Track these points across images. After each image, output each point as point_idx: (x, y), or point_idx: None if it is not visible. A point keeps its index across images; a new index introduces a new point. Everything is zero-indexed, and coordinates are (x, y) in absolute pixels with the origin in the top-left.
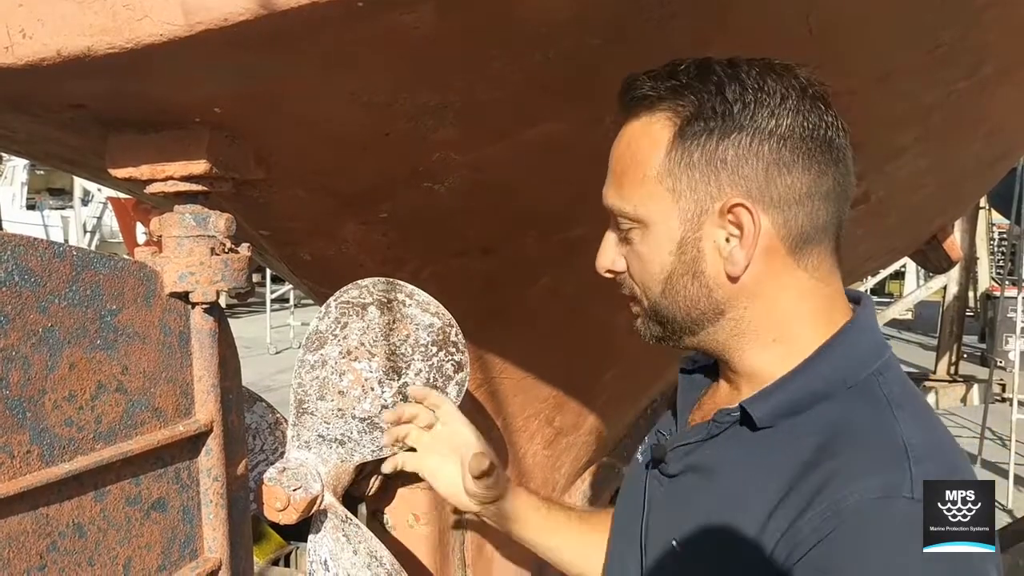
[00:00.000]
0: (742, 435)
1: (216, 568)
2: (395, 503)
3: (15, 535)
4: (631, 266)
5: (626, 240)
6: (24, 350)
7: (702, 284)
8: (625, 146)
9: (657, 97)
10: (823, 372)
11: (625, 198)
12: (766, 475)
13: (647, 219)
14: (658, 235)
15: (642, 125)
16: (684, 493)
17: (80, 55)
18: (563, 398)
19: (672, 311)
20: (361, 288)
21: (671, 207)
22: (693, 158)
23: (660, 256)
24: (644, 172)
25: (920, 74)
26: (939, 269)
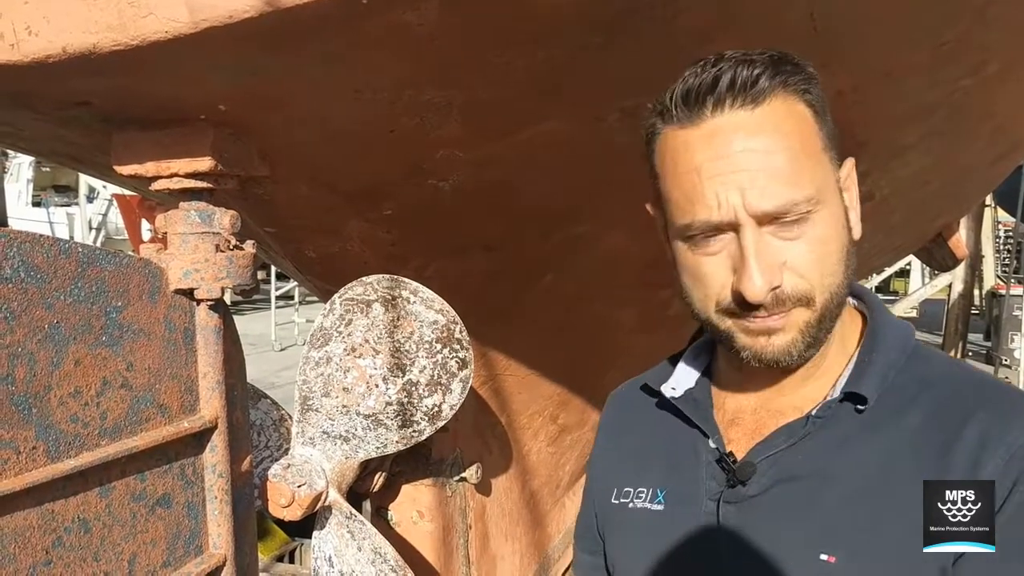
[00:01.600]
0: (835, 428)
1: (221, 564)
2: (399, 500)
3: (21, 530)
4: (803, 262)
5: (791, 236)
6: (30, 346)
7: (855, 255)
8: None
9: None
10: (893, 344)
11: (802, 183)
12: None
13: (826, 196)
14: (832, 210)
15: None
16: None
17: (85, 52)
18: (567, 395)
19: (844, 295)
20: (366, 285)
21: (833, 178)
22: (829, 123)
23: (838, 232)
24: (815, 148)
25: (924, 72)
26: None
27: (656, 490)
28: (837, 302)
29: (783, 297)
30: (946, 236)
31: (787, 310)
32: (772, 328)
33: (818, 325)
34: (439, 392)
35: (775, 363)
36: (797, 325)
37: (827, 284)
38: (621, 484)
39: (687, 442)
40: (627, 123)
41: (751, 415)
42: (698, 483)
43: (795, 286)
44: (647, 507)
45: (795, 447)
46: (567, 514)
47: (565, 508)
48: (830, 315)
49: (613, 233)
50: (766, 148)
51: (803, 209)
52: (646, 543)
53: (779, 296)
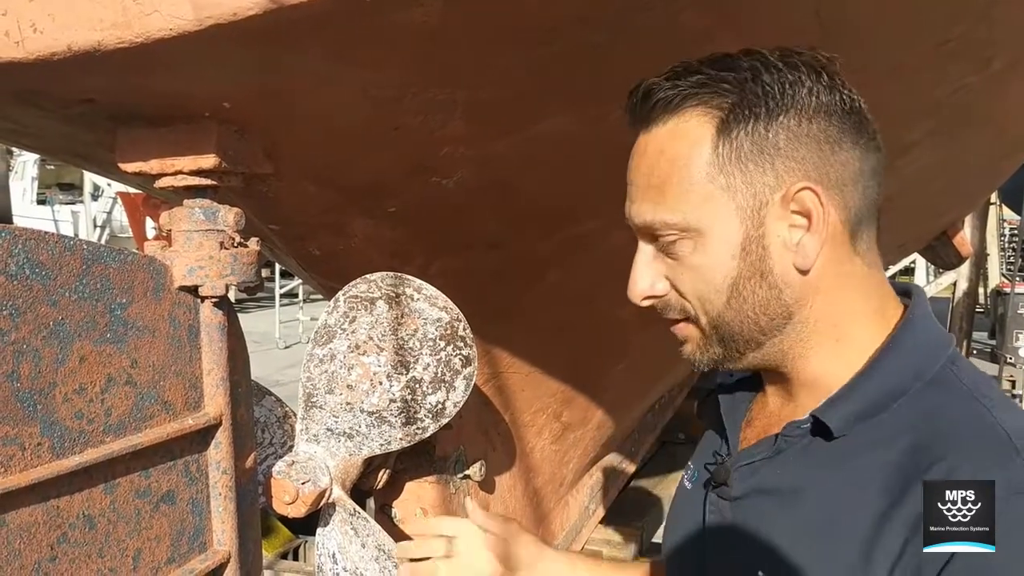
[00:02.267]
0: (815, 448)
1: (225, 561)
2: (403, 497)
3: (26, 526)
4: (681, 283)
5: (671, 255)
6: (35, 343)
7: (771, 285)
8: (656, 154)
9: (684, 96)
10: (896, 368)
11: (670, 208)
12: (857, 490)
13: (701, 226)
14: (716, 240)
15: (670, 129)
16: (757, 518)
17: (90, 49)
18: (571, 393)
19: (739, 322)
20: (370, 283)
21: (727, 206)
22: (744, 149)
23: (721, 262)
24: (691, 175)
25: (929, 69)
26: (949, 265)
27: (695, 470)
28: (734, 329)
29: (667, 308)
30: (951, 234)
31: (677, 320)
32: (678, 336)
33: (720, 343)
34: (443, 389)
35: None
36: (694, 339)
37: (707, 310)
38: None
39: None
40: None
41: (763, 418)
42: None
43: (676, 300)
44: (684, 484)
45: (773, 460)
46: (571, 512)
47: (568, 506)
48: (730, 337)
49: (617, 231)
50: (647, 168)
51: (664, 233)
52: (673, 515)
53: (664, 304)
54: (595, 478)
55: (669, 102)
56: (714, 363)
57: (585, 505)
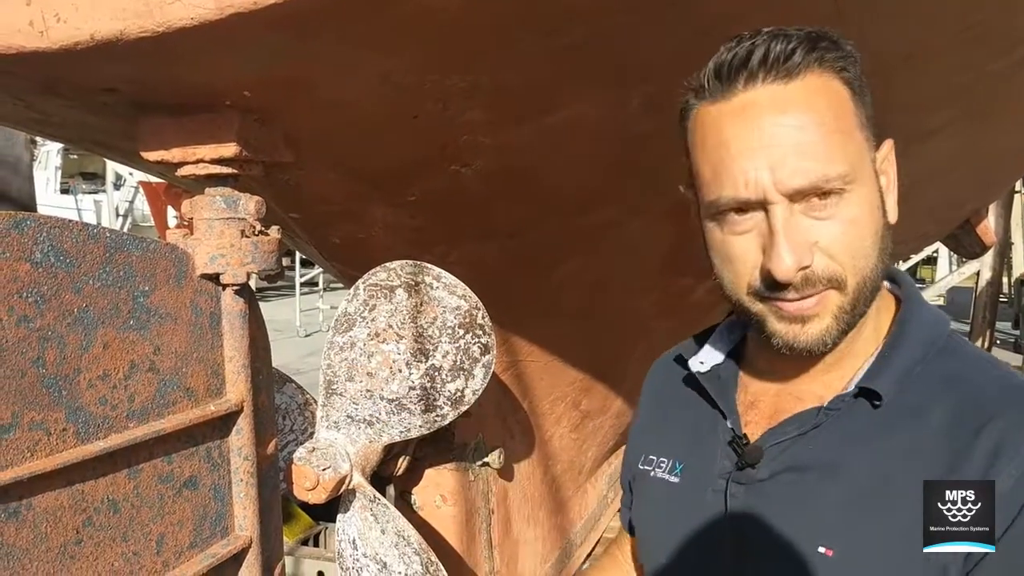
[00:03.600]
0: (850, 420)
1: (247, 546)
2: (422, 484)
3: (52, 510)
4: (833, 243)
5: (823, 216)
6: (60, 329)
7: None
8: (805, 109)
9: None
10: (919, 339)
11: (835, 159)
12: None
13: (860, 175)
14: (866, 190)
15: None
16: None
17: (113, 39)
18: (589, 381)
19: (878, 280)
20: (389, 271)
21: (868, 158)
22: (866, 102)
23: (873, 214)
24: (848, 125)
25: (950, 56)
26: (972, 254)
27: (675, 462)
28: (871, 286)
29: (813, 278)
30: (974, 223)
31: (819, 292)
32: (806, 315)
33: (851, 310)
34: (462, 377)
35: (808, 352)
36: (831, 310)
37: (859, 267)
38: (648, 451)
39: (708, 418)
40: (650, 108)
41: (771, 398)
42: (713, 461)
43: (826, 267)
44: (665, 478)
45: (806, 436)
46: (589, 499)
47: (587, 494)
48: (863, 299)
49: (636, 219)
50: (798, 124)
51: (835, 186)
52: (660, 513)
53: (809, 277)
54: (614, 467)
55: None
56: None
57: (604, 493)
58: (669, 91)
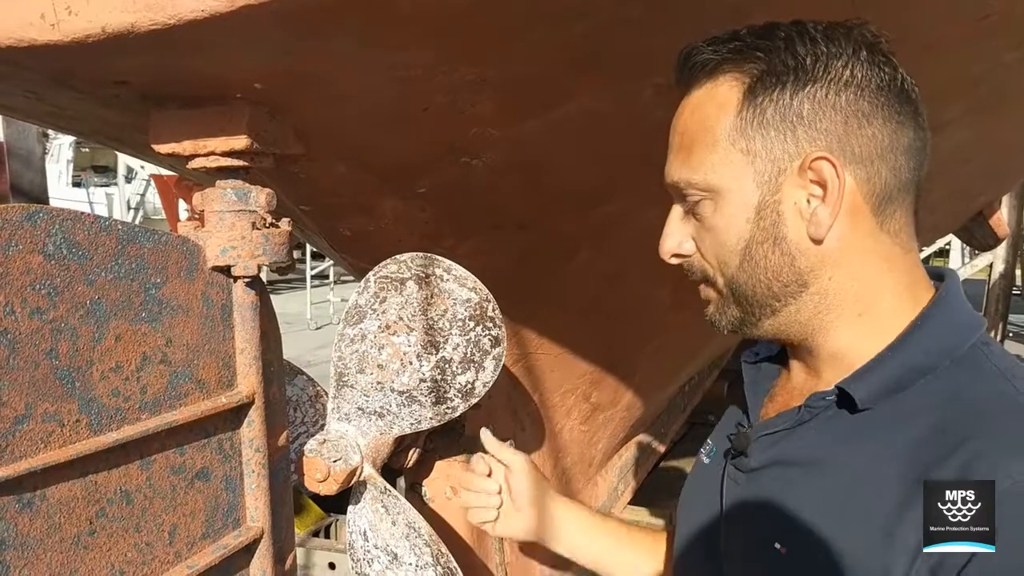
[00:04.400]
0: (838, 421)
1: (258, 537)
2: (433, 475)
3: (66, 501)
4: (702, 243)
5: (695, 215)
6: (72, 321)
7: (784, 251)
8: (689, 115)
9: (720, 60)
10: (925, 345)
11: (694, 167)
12: (879, 463)
13: (720, 186)
14: (733, 202)
15: (706, 91)
16: (775, 489)
17: (124, 31)
18: (600, 374)
19: (752, 286)
20: (400, 263)
21: (746, 170)
22: (766, 115)
23: (737, 225)
24: (714, 136)
25: (966, 45)
26: (985, 246)
27: (713, 445)
28: (747, 292)
29: (690, 269)
30: (987, 215)
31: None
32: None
33: (736, 306)
34: (472, 369)
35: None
36: (713, 300)
37: (724, 272)
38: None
39: (743, 407)
40: (661, 99)
41: (785, 393)
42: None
43: (698, 262)
44: (702, 459)
45: (794, 432)
46: (599, 492)
47: (597, 486)
48: (746, 301)
49: (648, 210)
50: (682, 128)
51: (689, 192)
52: (687, 491)
53: (687, 267)
54: (624, 459)
55: (705, 65)
56: (733, 326)
57: (614, 486)
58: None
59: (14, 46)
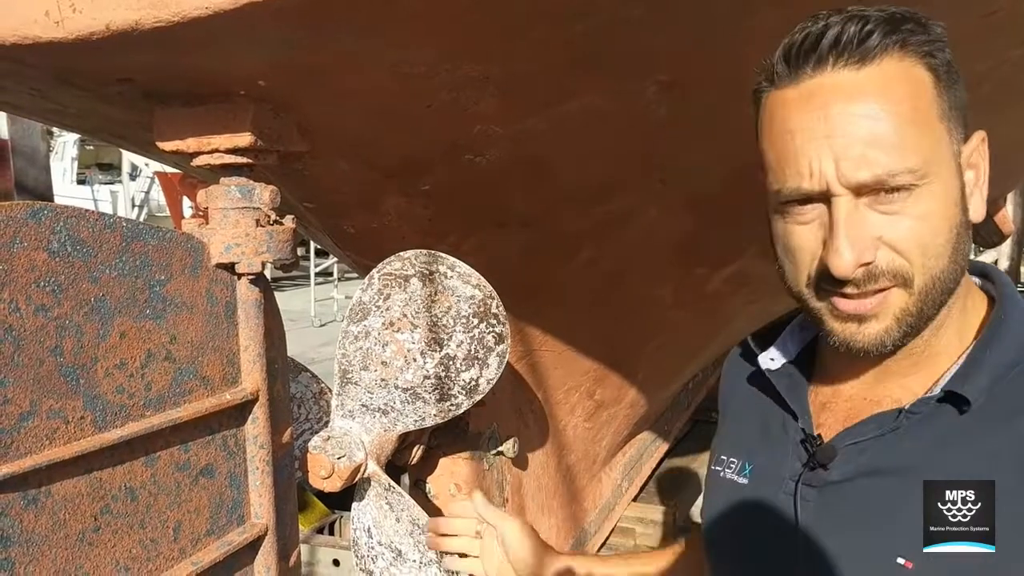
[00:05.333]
0: (936, 423)
1: (262, 533)
2: (437, 472)
3: (71, 497)
4: (901, 238)
5: (890, 211)
6: (77, 319)
7: (970, 238)
8: (878, 97)
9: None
10: (1013, 339)
11: (907, 153)
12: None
13: (934, 171)
14: (944, 185)
15: (882, 71)
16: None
17: (127, 29)
18: (604, 371)
19: (951, 280)
20: (403, 260)
21: (949, 151)
22: (951, 97)
23: (949, 210)
24: (926, 116)
25: (972, 41)
26: (990, 243)
27: (744, 463)
28: (941, 288)
29: (876, 273)
30: (992, 211)
31: (881, 290)
32: (864, 314)
33: (917, 313)
34: (476, 366)
35: (865, 352)
36: (893, 311)
37: (929, 266)
38: (720, 450)
39: (778, 418)
40: (664, 96)
41: (846, 401)
42: (783, 462)
43: (891, 262)
44: (734, 479)
45: (885, 439)
46: (603, 489)
47: (601, 483)
48: (932, 302)
49: (651, 209)
50: (868, 113)
51: (904, 181)
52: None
53: (872, 272)
54: (628, 456)
55: (872, 44)
56: (897, 341)
57: (618, 483)
58: (684, 79)
59: (19, 43)
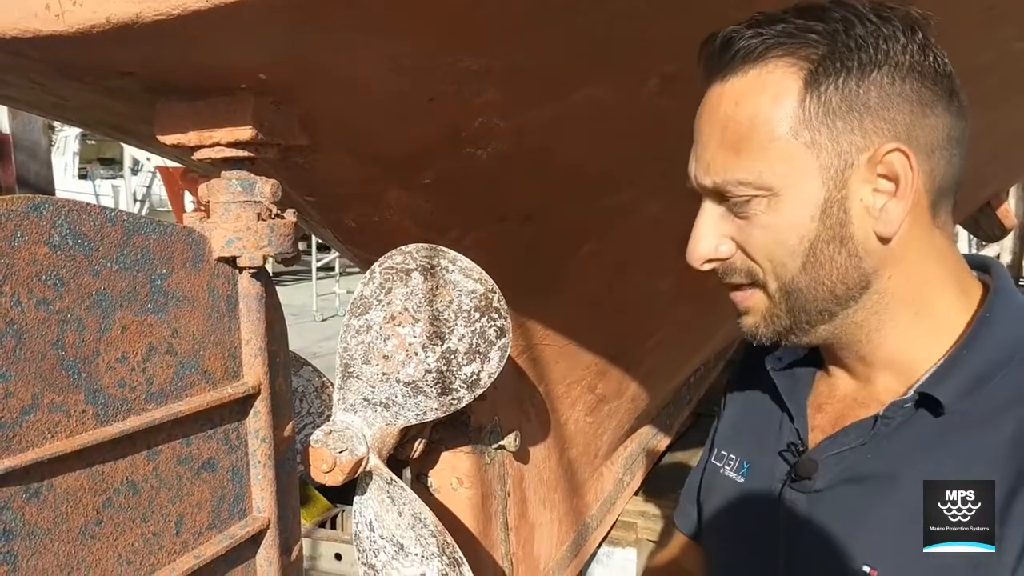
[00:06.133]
0: (914, 427)
1: (264, 527)
2: (439, 466)
3: (72, 491)
4: (751, 244)
5: (739, 214)
6: (78, 312)
7: (851, 252)
8: (733, 107)
9: (769, 46)
10: (997, 339)
11: (747, 165)
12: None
13: (779, 184)
14: (795, 199)
15: (753, 80)
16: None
17: (128, 22)
18: (605, 365)
19: (813, 289)
20: (405, 254)
21: (810, 164)
22: (832, 104)
23: (800, 223)
24: (772, 129)
25: (974, 33)
26: (992, 237)
27: (743, 461)
28: (807, 297)
29: (732, 270)
30: (994, 205)
31: (745, 286)
32: (738, 304)
33: (789, 313)
34: (477, 360)
35: (750, 338)
36: (760, 310)
37: (778, 273)
38: (721, 446)
39: (777, 418)
40: (667, 89)
41: (838, 402)
42: (777, 463)
43: (744, 262)
44: (731, 476)
45: (866, 446)
46: (605, 483)
47: (603, 477)
48: (802, 308)
49: (653, 202)
50: (722, 121)
51: (737, 192)
52: (724, 512)
53: (729, 267)
54: (630, 450)
55: (751, 51)
56: (778, 336)
57: (620, 477)
58: (687, 72)
59: (19, 37)
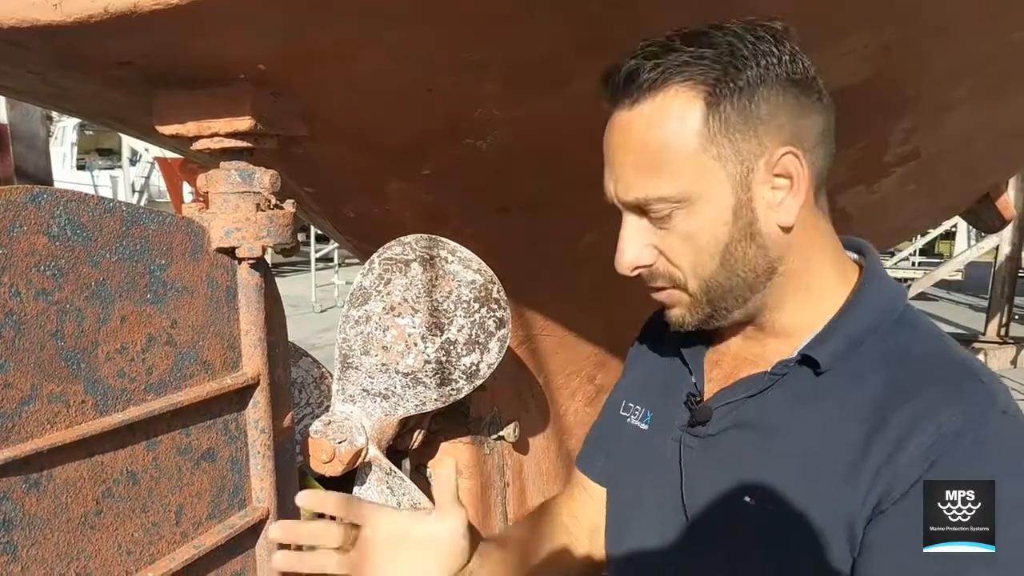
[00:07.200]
0: (796, 384)
1: (264, 517)
2: (438, 457)
3: (72, 481)
4: (672, 251)
5: (659, 224)
6: (78, 303)
7: (759, 244)
8: (644, 131)
9: (670, 75)
10: (869, 309)
11: (667, 182)
12: (840, 419)
13: (695, 195)
14: (709, 207)
15: (659, 105)
16: (738, 451)
17: (127, 11)
18: (605, 356)
19: (730, 282)
20: (404, 244)
21: (719, 175)
22: (731, 121)
23: (714, 228)
24: (684, 148)
25: (975, 24)
26: (991, 228)
27: (647, 411)
28: (724, 288)
29: (656, 275)
30: (994, 196)
31: (664, 289)
32: (664, 303)
33: (709, 305)
34: (477, 351)
35: (678, 328)
36: (682, 303)
37: (698, 273)
38: (628, 397)
39: (679, 372)
40: None
41: (731, 359)
42: (675, 413)
43: (665, 268)
44: (637, 425)
45: (754, 398)
46: None
47: None
48: (720, 298)
49: None
50: (637, 145)
51: (659, 206)
52: (630, 459)
53: (653, 273)
54: None
55: (654, 81)
56: (702, 323)
57: None
58: None
59: (17, 26)
